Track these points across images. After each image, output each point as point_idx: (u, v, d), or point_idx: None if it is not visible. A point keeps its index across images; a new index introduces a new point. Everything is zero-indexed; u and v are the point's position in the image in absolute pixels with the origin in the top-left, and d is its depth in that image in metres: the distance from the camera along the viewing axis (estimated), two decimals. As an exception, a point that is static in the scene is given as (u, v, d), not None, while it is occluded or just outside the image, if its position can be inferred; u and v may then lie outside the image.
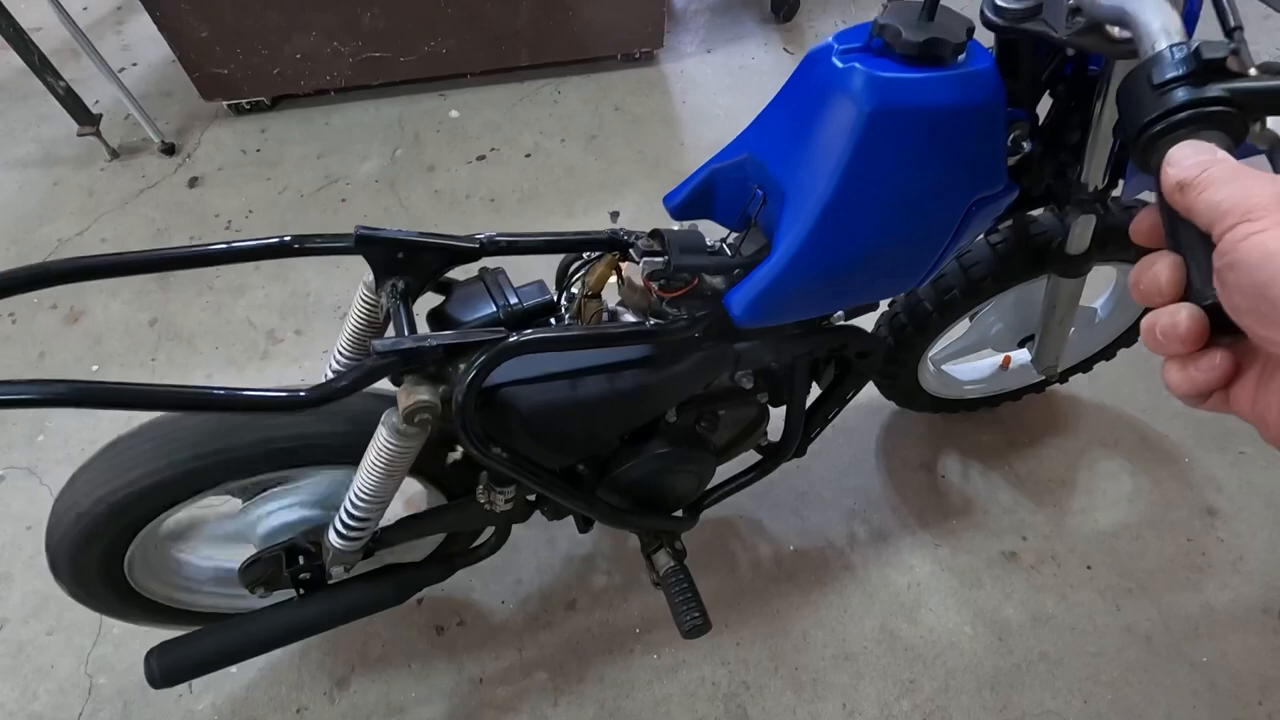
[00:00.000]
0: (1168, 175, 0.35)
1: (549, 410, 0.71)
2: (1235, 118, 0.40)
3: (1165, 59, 0.42)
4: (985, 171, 0.66)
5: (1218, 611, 1.15)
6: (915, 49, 0.58)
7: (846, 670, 1.10)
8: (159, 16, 1.62)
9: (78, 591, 0.76)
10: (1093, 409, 1.37)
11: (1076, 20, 0.57)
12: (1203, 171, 0.33)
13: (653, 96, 1.94)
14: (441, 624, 1.13)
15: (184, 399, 0.54)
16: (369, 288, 0.73)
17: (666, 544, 0.90)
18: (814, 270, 0.66)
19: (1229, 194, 0.31)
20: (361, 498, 0.69)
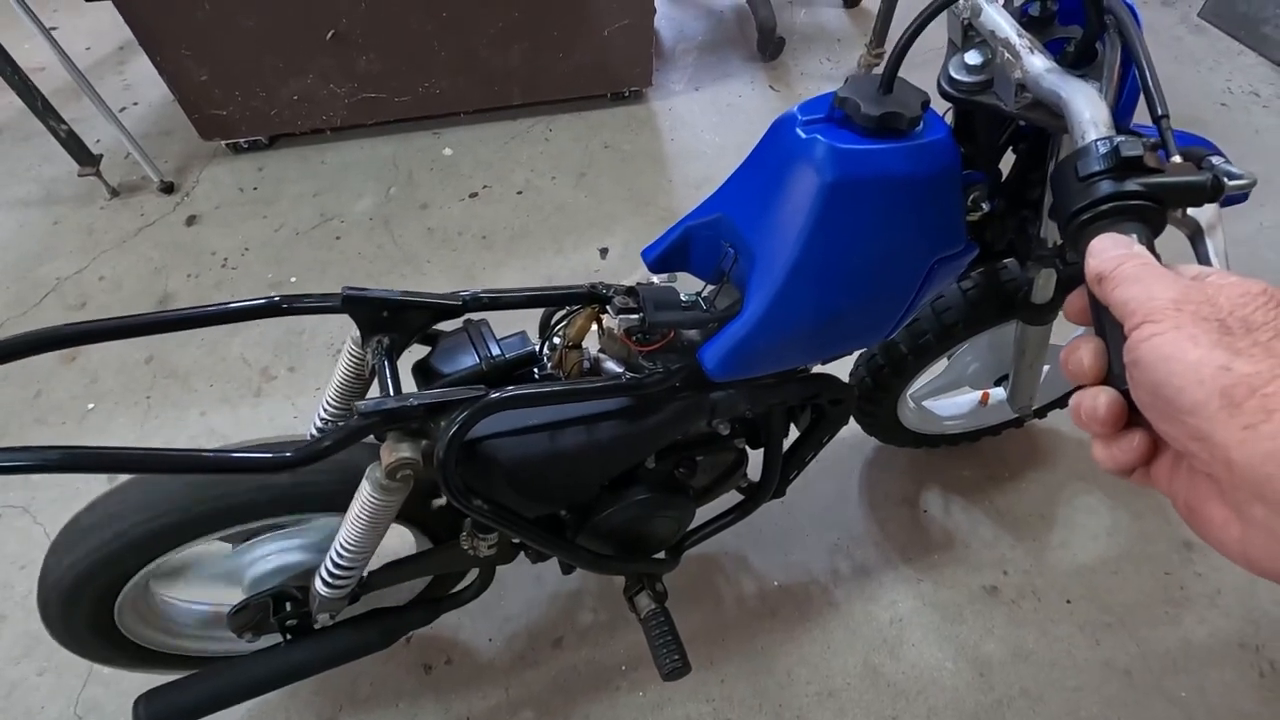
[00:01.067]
0: (1089, 266, 0.38)
1: (529, 462, 0.73)
2: (1153, 211, 0.43)
3: (1090, 153, 0.45)
4: (944, 233, 0.69)
5: (1196, 646, 1.17)
6: (874, 122, 0.62)
7: (830, 707, 1.11)
8: (159, 60, 1.66)
9: (68, 640, 0.78)
10: (1071, 444, 1.40)
11: (1024, 96, 0.61)
12: (1117, 266, 0.36)
13: (642, 134, 1.99)
14: (429, 662, 1.14)
15: (174, 462, 0.56)
16: (356, 343, 0.76)
17: (648, 586, 0.92)
18: (783, 327, 0.69)
19: (1135, 293, 0.34)
20: (346, 549, 0.71)
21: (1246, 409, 0.27)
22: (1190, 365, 0.29)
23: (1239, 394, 0.28)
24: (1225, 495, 0.30)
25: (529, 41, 1.83)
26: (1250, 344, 0.29)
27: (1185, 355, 0.30)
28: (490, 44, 1.81)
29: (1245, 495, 0.29)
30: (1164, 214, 0.44)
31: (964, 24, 0.66)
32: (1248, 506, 0.29)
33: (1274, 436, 0.27)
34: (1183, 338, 0.30)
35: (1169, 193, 0.43)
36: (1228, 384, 0.28)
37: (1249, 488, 0.28)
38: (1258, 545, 0.29)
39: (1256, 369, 0.28)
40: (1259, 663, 1.15)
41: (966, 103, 0.65)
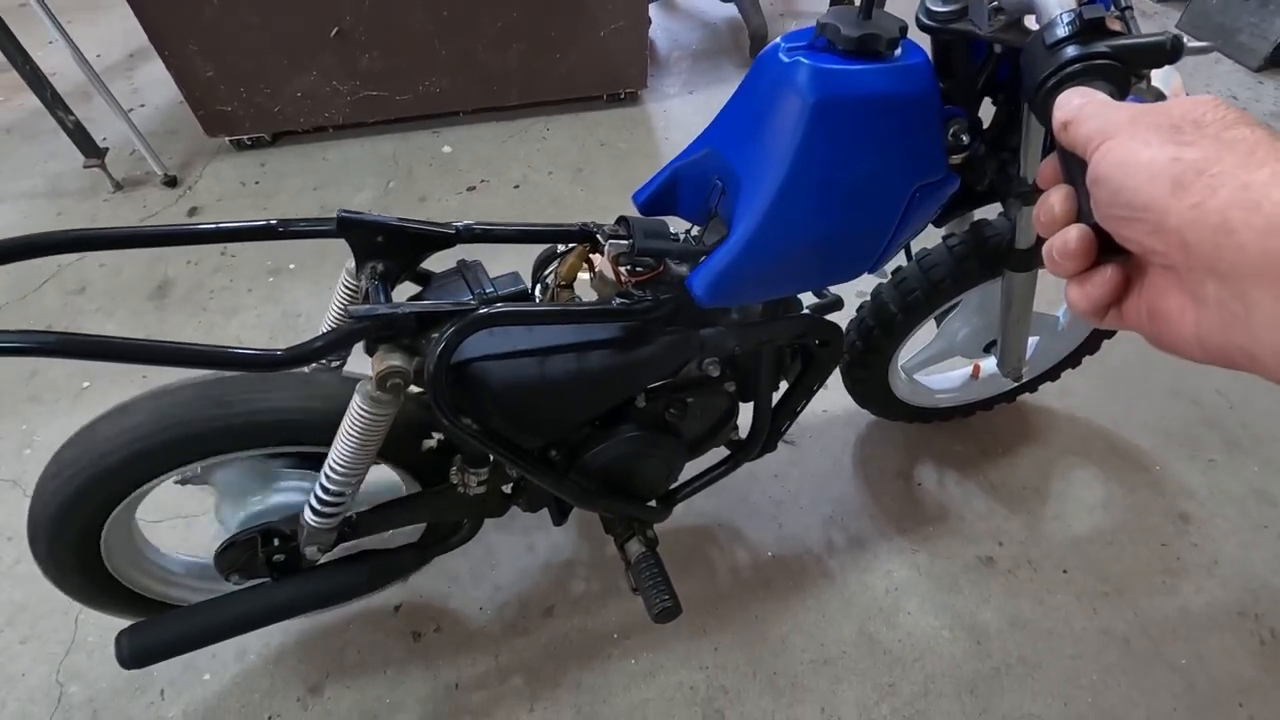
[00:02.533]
0: (1055, 118, 0.40)
1: (519, 386, 0.74)
2: (1118, 70, 0.45)
3: (1056, 22, 0.48)
4: (924, 159, 0.71)
5: (1194, 614, 1.16)
6: (853, 44, 0.64)
7: (825, 674, 1.09)
8: (168, 56, 1.71)
9: (55, 570, 0.77)
10: (1063, 419, 1.40)
11: (998, 18, 0.64)
12: (1080, 109, 0.38)
13: (637, 133, 2.04)
14: (418, 630, 1.12)
15: (166, 354, 0.57)
16: (350, 273, 0.77)
17: (639, 532, 0.91)
18: (770, 251, 0.70)
19: (1095, 124, 0.35)
20: (337, 469, 0.71)
21: (1194, 189, 0.29)
22: (1144, 163, 0.31)
23: (1187, 177, 0.29)
24: (1183, 282, 0.31)
25: (527, 43, 1.89)
26: (1198, 136, 0.30)
27: (1138, 156, 0.31)
28: (489, 45, 1.87)
29: (1199, 275, 0.30)
30: (1128, 75, 0.46)
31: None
32: (1201, 287, 0.30)
33: (1219, 210, 0.28)
34: (1137, 143, 0.32)
35: (1132, 53, 0.45)
36: (1176, 171, 0.30)
37: (1202, 265, 0.29)
38: (1210, 324, 0.30)
39: (1203, 154, 0.29)
40: (1259, 630, 1.14)
41: (943, 31, 0.68)
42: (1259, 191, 0.27)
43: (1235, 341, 0.29)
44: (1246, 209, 0.27)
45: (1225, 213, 0.28)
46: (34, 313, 1.56)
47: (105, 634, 1.10)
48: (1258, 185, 0.27)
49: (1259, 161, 0.28)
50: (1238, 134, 0.29)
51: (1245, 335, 0.28)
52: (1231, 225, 0.27)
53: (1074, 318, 1.23)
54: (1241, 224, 0.27)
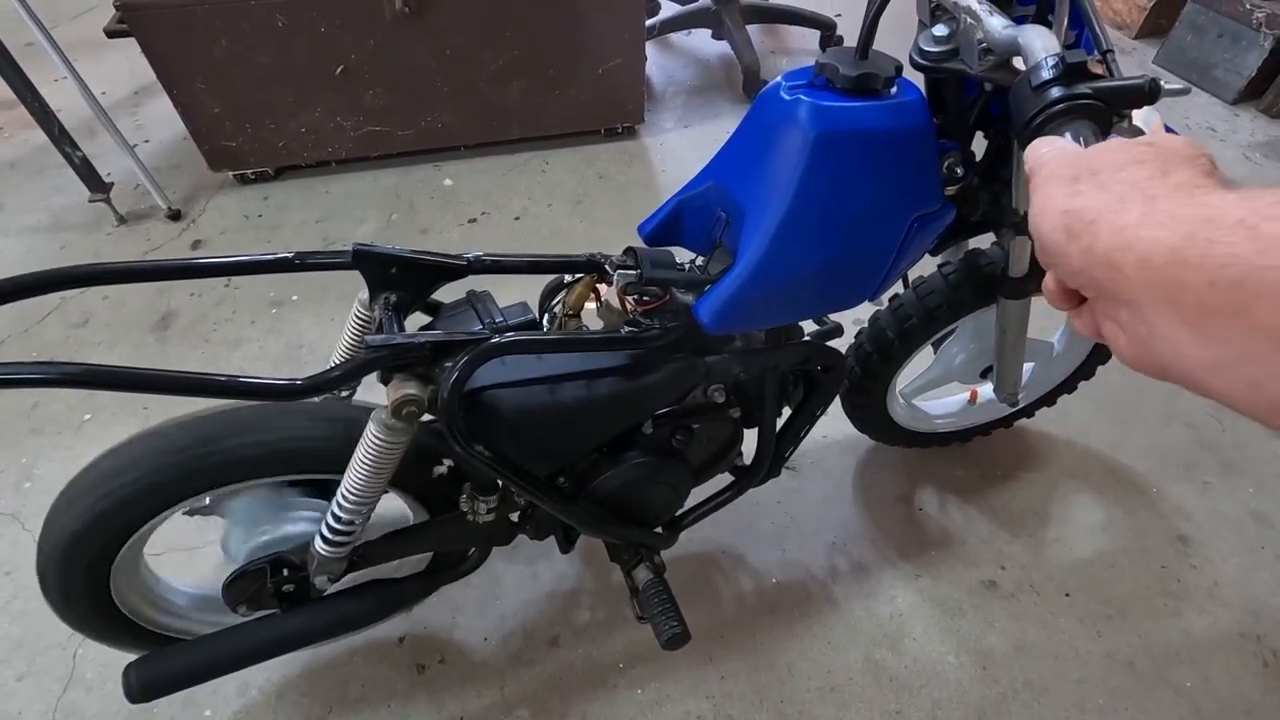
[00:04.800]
0: (1028, 160, 0.42)
1: (530, 413, 0.75)
2: (1100, 110, 0.48)
3: (1041, 65, 0.51)
4: (921, 191, 0.74)
5: (1197, 637, 1.16)
6: (851, 82, 0.67)
7: (832, 702, 1.09)
8: (175, 93, 1.74)
9: (63, 605, 0.77)
10: (1061, 443, 1.42)
11: (988, 58, 0.67)
12: (1037, 159, 0.40)
13: (634, 167, 2.08)
14: (423, 662, 1.11)
15: (188, 384, 0.58)
16: (363, 304, 0.79)
17: (646, 559, 0.92)
18: (774, 279, 0.73)
19: (1036, 177, 0.38)
20: (349, 498, 0.72)
21: (1082, 236, 0.32)
22: (1047, 214, 0.35)
23: (1075, 226, 0.33)
24: (1105, 311, 0.34)
25: (527, 79, 1.93)
26: (1089, 185, 0.34)
27: (1044, 208, 0.35)
28: (490, 81, 1.91)
29: (1112, 304, 0.33)
30: (1109, 114, 0.49)
31: (931, 4, 0.73)
32: (1117, 314, 0.33)
33: (1104, 251, 0.31)
34: (1043, 197, 0.36)
35: (1113, 94, 0.48)
36: (1066, 223, 0.33)
37: (1109, 296, 0.33)
38: (1134, 345, 0.33)
39: (1086, 204, 0.33)
40: (1261, 652, 1.14)
41: (936, 70, 0.71)
42: (1130, 233, 0.30)
43: (1151, 358, 0.32)
44: (1122, 249, 0.30)
45: (1109, 254, 0.31)
46: (36, 345, 1.57)
47: (104, 670, 1.09)
48: (1128, 228, 0.30)
49: (1128, 205, 0.31)
50: (1122, 176, 0.33)
51: (1155, 352, 0.31)
52: (1116, 263, 0.30)
53: (1069, 344, 1.26)
54: (1122, 261, 0.30)
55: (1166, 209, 0.29)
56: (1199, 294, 0.27)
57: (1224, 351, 0.27)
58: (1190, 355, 0.29)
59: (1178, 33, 2.39)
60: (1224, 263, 0.26)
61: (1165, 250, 0.28)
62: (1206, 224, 0.27)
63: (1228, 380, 0.28)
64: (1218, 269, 0.26)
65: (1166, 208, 0.30)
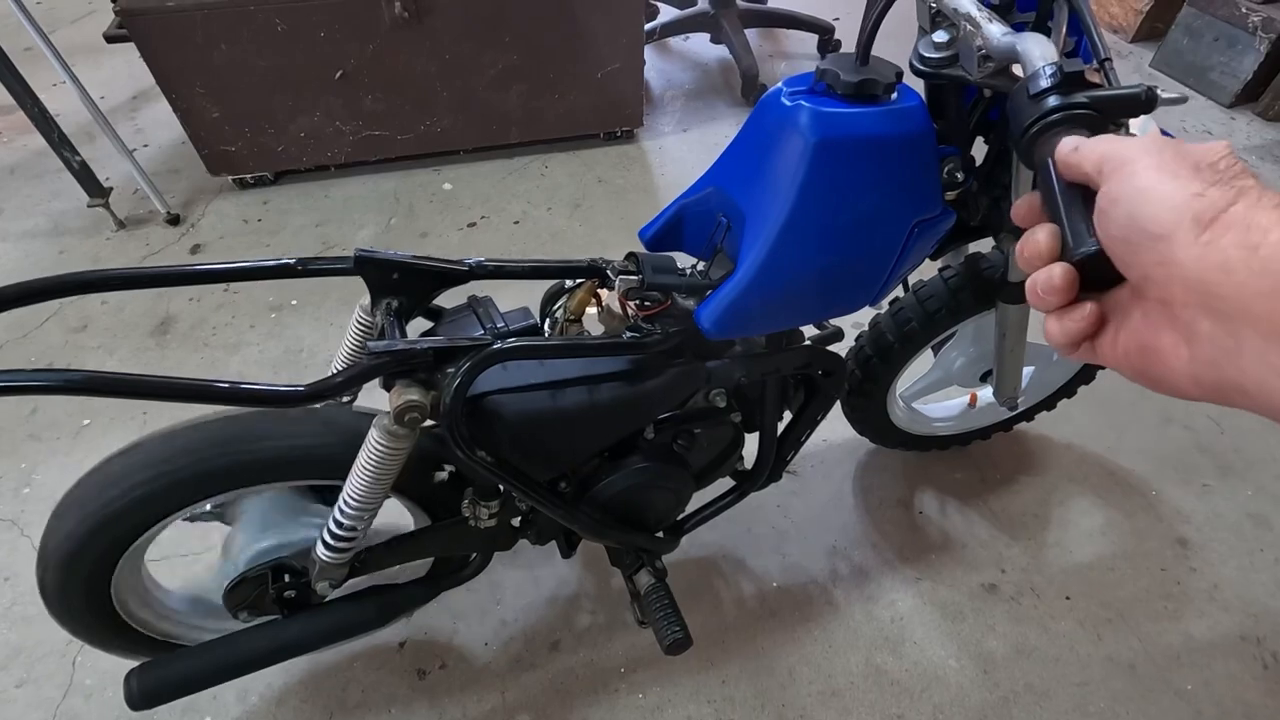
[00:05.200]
0: (1064, 145, 0.41)
1: (532, 419, 0.75)
2: (1097, 119, 0.49)
3: (1039, 74, 0.51)
4: (922, 196, 0.74)
5: (1198, 640, 1.16)
6: (852, 88, 0.68)
7: (834, 706, 1.09)
8: (174, 98, 1.74)
9: (60, 610, 0.77)
10: (1060, 447, 1.42)
11: (987, 65, 0.67)
12: (1075, 148, 0.40)
13: (633, 170, 2.08)
14: (423, 667, 1.11)
15: (192, 391, 0.58)
16: (365, 309, 0.79)
17: (648, 564, 0.92)
18: (775, 284, 0.73)
19: (1110, 148, 0.37)
20: (350, 504, 0.72)
21: (1212, 226, 0.31)
22: (1167, 194, 0.32)
23: (1207, 215, 0.31)
24: (1176, 318, 0.33)
25: (526, 83, 1.94)
26: (1216, 179, 0.32)
27: (1162, 185, 0.33)
28: (490, 86, 1.92)
29: (1194, 311, 0.31)
30: (1106, 124, 0.49)
31: (931, 10, 0.73)
32: (1195, 323, 0.31)
33: (1224, 249, 0.30)
34: (1163, 173, 0.33)
35: (1109, 103, 0.49)
36: (1200, 207, 0.31)
37: (1198, 300, 0.31)
38: (1202, 361, 0.31)
39: (1223, 194, 0.31)
40: (1262, 655, 1.15)
41: (935, 76, 0.71)
42: (1259, 234, 0.29)
43: (1227, 376, 0.30)
44: (1247, 249, 0.29)
45: (1228, 251, 0.29)
46: (35, 350, 1.56)
47: (103, 677, 1.09)
48: (1259, 228, 0.29)
49: (1266, 207, 0.30)
50: (1246, 182, 0.31)
51: (1236, 370, 0.30)
52: (1231, 264, 0.29)
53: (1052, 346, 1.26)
54: (1240, 263, 0.29)
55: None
56: None
57: None
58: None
59: (1174, 36, 2.41)
60: None
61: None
62: None
63: None
64: None
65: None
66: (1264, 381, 0.29)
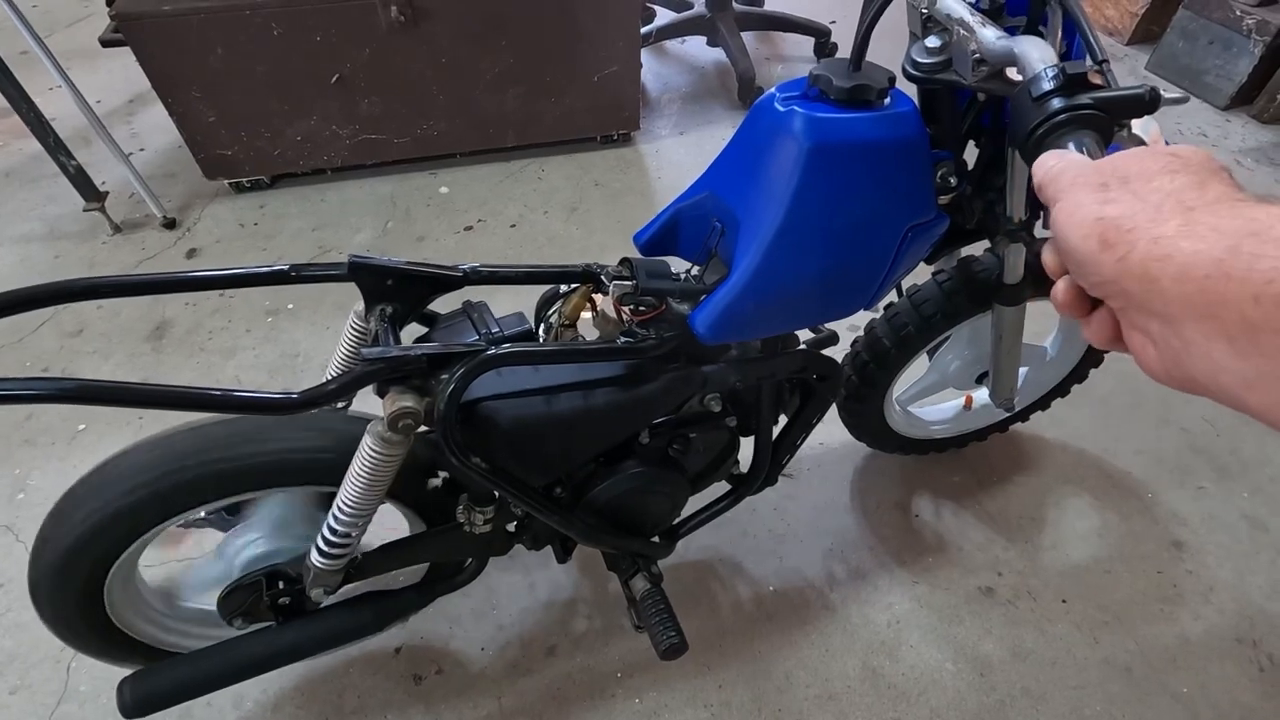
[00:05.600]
0: (1034, 181, 0.42)
1: (526, 424, 0.75)
2: (1102, 120, 0.49)
3: (1041, 77, 0.51)
4: (916, 201, 0.74)
5: (1193, 642, 1.16)
6: (845, 94, 0.68)
7: (830, 710, 1.09)
8: (170, 102, 1.74)
9: (52, 617, 0.76)
10: (1056, 448, 1.42)
11: (981, 69, 0.67)
12: (1048, 171, 0.40)
13: (630, 174, 2.08)
14: (419, 673, 1.11)
15: (183, 398, 0.58)
16: (359, 315, 0.79)
17: (643, 568, 0.92)
18: (770, 289, 0.73)
19: (1053, 188, 0.38)
20: (345, 510, 0.72)
21: (1117, 245, 0.32)
22: (1077, 223, 0.34)
23: (1110, 235, 0.32)
24: (1134, 323, 0.34)
25: (523, 87, 1.94)
26: (1121, 193, 0.33)
27: (1074, 216, 0.34)
28: (486, 89, 1.92)
29: (1143, 316, 0.32)
30: (1111, 124, 0.49)
31: (923, 16, 0.73)
32: (1148, 327, 0.32)
33: (1140, 262, 0.31)
34: (1071, 204, 0.35)
35: (1114, 104, 0.49)
36: (1100, 230, 0.32)
37: (1141, 308, 0.32)
38: (1165, 359, 0.32)
39: (1121, 211, 0.32)
40: (1257, 657, 1.15)
41: (929, 81, 0.72)
42: (1168, 244, 0.29)
43: (1185, 372, 0.31)
44: (1160, 260, 0.30)
45: (1145, 264, 0.30)
46: (31, 355, 1.56)
47: (97, 684, 1.08)
48: (1166, 238, 0.30)
49: (1165, 216, 0.30)
50: (1155, 185, 0.32)
51: (1188, 366, 0.31)
52: (1152, 275, 0.30)
53: (1062, 349, 1.27)
54: (1159, 273, 0.30)
55: (1208, 221, 0.29)
56: (1241, 308, 0.27)
57: (1264, 367, 0.27)
58: (1228, 370, 0.28)
59: (1169, 39, 2.41)
60: (1270, 278, 0.26)
61: (1206, 263, 0.28)
62: (1251, 237, 0.27)
63: (1267, 396, 0.27)
64: (1263, 284, 0.26)
65: (1207, 220, 0.29)
66: (1212, 377, 0.29)
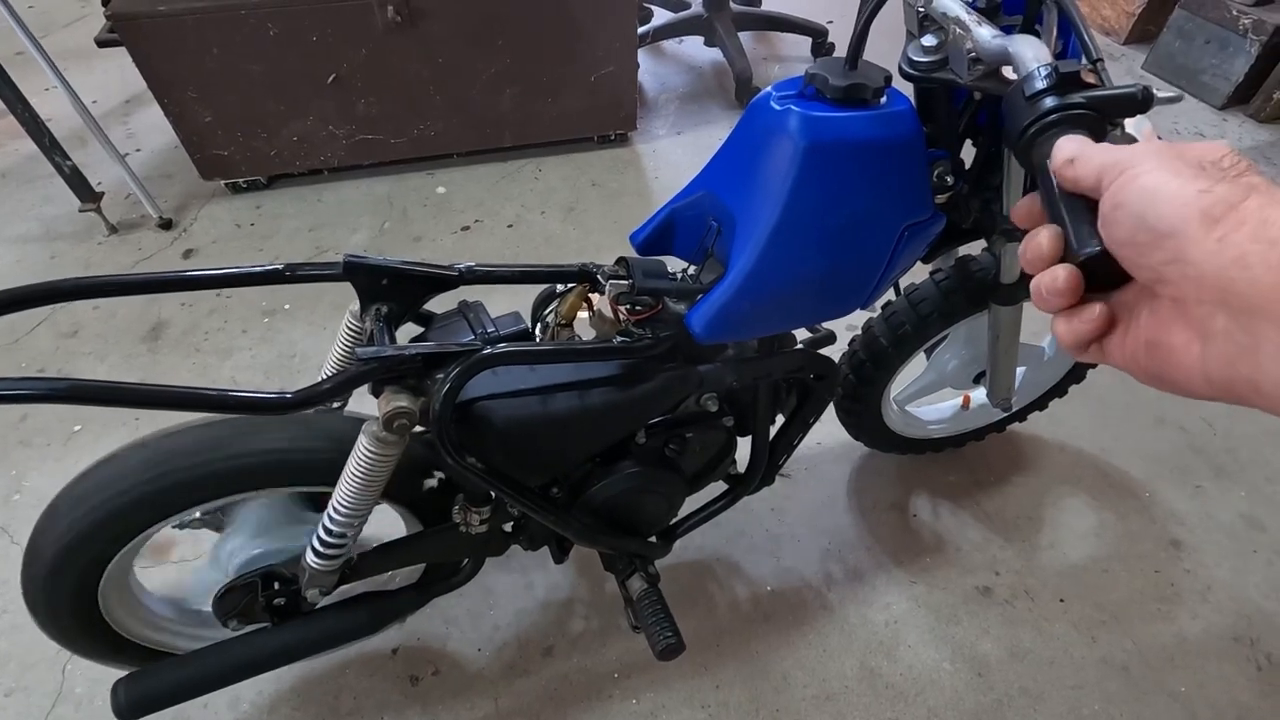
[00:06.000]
0: (1061, 152, 0.41)
1: (522, 424, 0.75)
2: (1094, 119, 0.48)
3: (1034, 75, 0.51)
4: (912, 199, 0.74)
5: (1191, 641, 1.16)
6: (841, 93, 0.67)
7: (828, 710, 1.08)
8: (166, 103, 1.74)
9: (46, 619, 0.76)
10: (1053, 448, 1.42)
11: (977, 68, 0.67)
12: (1083, 146, 0.40)
13: (627, 174, 2.08)
14: (416, 674, 1.11)
15: (176, 398, 0.58)
16: (354, 315, 0.78)
17: (640, 568, 0.91)
18: (766, 288, 0.73)
19: (1110, 156, 0.37)
20: (340, 510, 0.71)
21: (1223, 222, 0.30)
22: (1174, 192, 0.32)
23: (1217, 210, 0.31)
24: (1190, 315, 0.32)
25: (520, 87, 1.94)
26: (1222, 176, 0.32)
27: (1168, 185, 0.33)
28: (483, 89, 1.92)
29: (1209, 308, 0.31)
30: (1104, 124, 0.49)
31: (919, 15, 0.73)
32: (1210, 320, 0.31)
33: (1239, 244, 0.29)
34: (1166, 173, 0.33)
35: (1106, 103, 0.48)
36: (1208, 203, 0.31)
37: (1214, 297, 0.31)
38: (1216, 357, 0.31)
39: (1231, 190, 0.31)
40: (1255, 656, 1.15)
41: (925, 80, 0.71)
42: (1276, 229, 0.28)
43: (1242, 373, 0.30)
44: (1264, 244, 0.29)
45: (1244, 246, 0.29)
46: (26, 356, 1.55)
47: (93, 685, 1.08)
48: (1275, 223, 0.29)
49: (1276, 197, 0.29)
50: (1252, 180, 0.31)
51: (1252, 367, 0.29)
52: (1248, 260, 0.29)
53: (1059, 349, 1.27)
54: (1258, 259, 0.29)
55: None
56: None
57: None
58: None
59: (1166, 39, 2.42)
60: None
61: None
62: None
63: None
64: None
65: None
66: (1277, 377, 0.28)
